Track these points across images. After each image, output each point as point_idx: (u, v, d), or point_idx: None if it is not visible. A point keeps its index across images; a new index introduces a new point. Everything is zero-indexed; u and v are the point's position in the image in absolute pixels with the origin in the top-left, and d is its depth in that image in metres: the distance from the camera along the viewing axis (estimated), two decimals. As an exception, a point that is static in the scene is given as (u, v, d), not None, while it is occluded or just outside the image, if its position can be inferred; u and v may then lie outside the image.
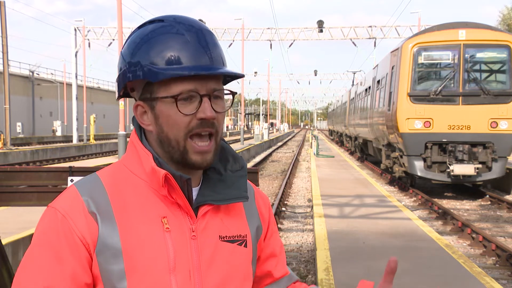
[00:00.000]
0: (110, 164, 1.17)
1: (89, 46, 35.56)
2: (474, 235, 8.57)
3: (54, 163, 22.51)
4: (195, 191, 1.11)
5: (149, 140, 1.11)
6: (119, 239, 1.02)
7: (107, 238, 1.02)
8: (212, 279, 1.08)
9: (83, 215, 1.03)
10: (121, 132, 17.80)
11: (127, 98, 1.14)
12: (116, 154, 26.56)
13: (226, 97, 1.14)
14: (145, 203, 1.06)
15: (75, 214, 1.03)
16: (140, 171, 1.09)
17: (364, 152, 24.50)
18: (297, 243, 8.48)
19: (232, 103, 1.17)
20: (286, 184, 15.03)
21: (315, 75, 63.59)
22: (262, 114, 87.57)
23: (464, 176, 12.55)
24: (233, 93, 1.13)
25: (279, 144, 45.36)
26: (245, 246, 1.15)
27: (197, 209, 1.10)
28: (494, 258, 7.58)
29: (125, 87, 1.12)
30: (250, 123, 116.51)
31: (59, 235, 1.02)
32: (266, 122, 68.79)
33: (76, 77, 33.87)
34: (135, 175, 1.09)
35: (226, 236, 1.12)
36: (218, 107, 1.07)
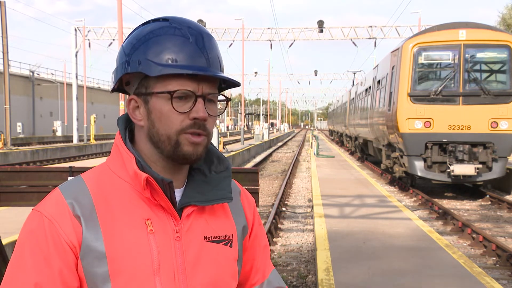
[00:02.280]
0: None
1: (89, 46, 35.60)
2: (474, 235, 8.57)
3: (54, 163, 22.52)
4: (179, 192, 1.12)
5: (138, 137, 1.12)
6: (103, 242, 1.02)
7: (91, 242, 1.02)
8: (197, 280, 1.09)
9: (68, 219, 1.03)
10: (121, 132, 17.78)
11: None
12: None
13: (220, 103, 1.15)
14: (129, 205, 1.06)
15: (61, 218, 1.03)
16: (124, 173, 1.09)
17: (365, 152, 24.50)
18: (297, 243, 8.47)
19: (225, 109, 1.18)
20: (286, 184, 15.02)
21: (315, 75, 63.59)
22: (262, 114, 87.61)
23: (464, 176, 12.55)
24: (228, 99, 1.14)
25: (279, 144, 45.35)
26: (231, 246, 1.15)
27: (181, 210, 1.10)
28: (494, 258, 7.58)
29: (120, 82, 1.12)
30: (250, 123, 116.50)
31: (47, 239, 1.02)
32: (266, 122, 68.81)
33: (76, 77, 33.89)
34: (119, 177, 1.09)
35: (211, 237, 1.12)
36: (210, 110, 1.08)
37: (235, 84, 1.12)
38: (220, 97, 1.13)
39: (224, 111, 1.19)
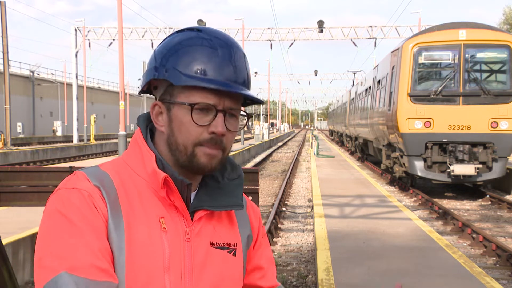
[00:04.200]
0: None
1: (89, 46, 35.58)
2: (474, 235, 8.57)
3: (55, 163, 22.52)
4: (192, 196, 1.13)
5: (157, 141, 1.14)
6: (124, 232, 1.03)
7: (112, 229, 1.03)
8: (203, 284, 1.10)
9: (100, 198, 1.03)
10: (121, 132, 17.80)
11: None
12: (116, 154, 26.54)
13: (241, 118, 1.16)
14: (145, 202, 1.08)
15: (95, 194, 1.03)
16: (141, 170, 1.10)
17: (365, 152, 24.50)
18: (297, 243, 8.47)
19: (245, 125, 1.18)
20: (286, 184, 15.02)
21: (316, 75, 63.51)
22: (263, 114, 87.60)
23: (464, 176, 12.55)
24: (248, 115, 1.15)
25: (280, 144, 45.36)
26: (234, 254, 1.17)
27: (192, 213, 1.12)
28: (494, 258, 7.58)
29: (150, 84, 1.14)
30: (250, 123, 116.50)
31: (91, 209, 1.01)
32: (267, 122, 68.79)
33: (76, 77, 33.88)
34: (137, 174, 1.10)
35: (217, 243, 1.14)
36: (230, 125, 1.09)
37: (258, 101, 1.12)
38: (241, 113, 1.13)
39: (244, 126, 1.19)
